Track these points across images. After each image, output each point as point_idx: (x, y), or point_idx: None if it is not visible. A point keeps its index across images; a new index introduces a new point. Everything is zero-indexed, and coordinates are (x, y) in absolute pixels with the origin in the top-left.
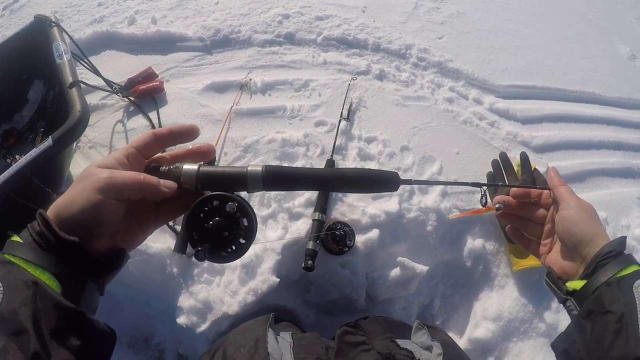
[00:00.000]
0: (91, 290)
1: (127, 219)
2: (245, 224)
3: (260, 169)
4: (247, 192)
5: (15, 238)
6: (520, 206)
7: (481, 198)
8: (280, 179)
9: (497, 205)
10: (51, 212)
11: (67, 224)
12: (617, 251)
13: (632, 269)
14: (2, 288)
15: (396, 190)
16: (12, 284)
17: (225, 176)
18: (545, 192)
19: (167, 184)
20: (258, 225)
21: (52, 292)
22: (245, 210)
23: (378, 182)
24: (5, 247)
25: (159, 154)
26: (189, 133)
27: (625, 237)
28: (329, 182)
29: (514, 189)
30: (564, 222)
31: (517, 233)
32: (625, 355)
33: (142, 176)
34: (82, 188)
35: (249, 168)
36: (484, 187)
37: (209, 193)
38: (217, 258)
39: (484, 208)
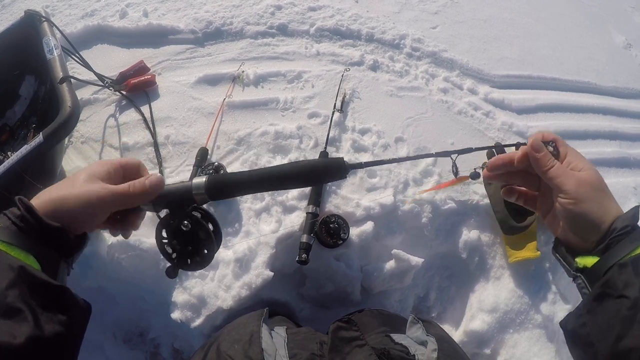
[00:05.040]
0: (62, 269)
1: None
2: (204, 236)
3: (203, 180)
4: (198, 205)
5: None
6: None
7: (452, 167)
8: (223, 188)
9: (473, 172)
10: (40, 200)
11: (57, 214)
12: (631, 226)
13: None
14: None
15: (345, 177)
16: None
17: (174, 194)
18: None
19: (154, 184)
20: (222, 231)
21: (37, 272)
22: (200, 224)
23: (320, 173)
24: None
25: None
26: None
27: (638, 206)
28: (268, 181)
29: (491, 161)
30: (565, 212)
31: (511, 191)
32: (636, 346)
33: (131, 189)
34: (86, 200)
35: (193, 182)
36: (454, 156)
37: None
38: (185, 267)
39: (457, 179)
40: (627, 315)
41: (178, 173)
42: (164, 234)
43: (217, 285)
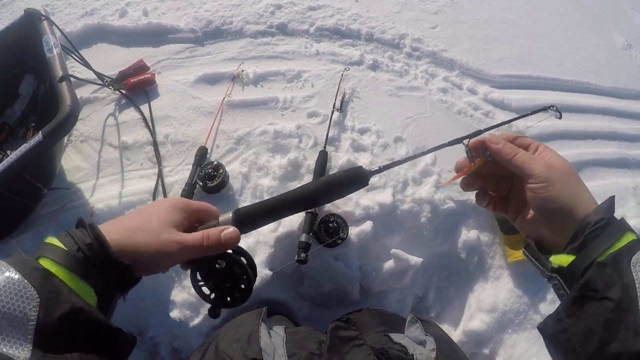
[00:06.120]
0: (116, 301)
1: None
2: (239, 270)
3: (230, 216)
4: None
5: (56, 242)
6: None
7: (467, 153)
8: (252, 218)
9: (487, 154)
10: (110, 235)
11: (125, 253)
12: (607, 218)
13: (626, 239)
14: (38, 299)
15: (367, 184)
16: (51, 296)
17: None
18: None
19: (230, 237)
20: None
21: (94, 311)
22: (235, 260)
23: (345, 184)
24: (42, 249)
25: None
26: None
27: (614, 197)
28: (293, 205)
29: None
30: (536, 199)
31: (484, 195)
32: (624, 351)
33: (205, 242)
34: (157, 254)
35: (220, 219)
36: (465, 142)
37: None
38: (227, 304)
39: (474, 163)
40: (611, 318)
41: (177, 172)
42: (199, 277)
43: None
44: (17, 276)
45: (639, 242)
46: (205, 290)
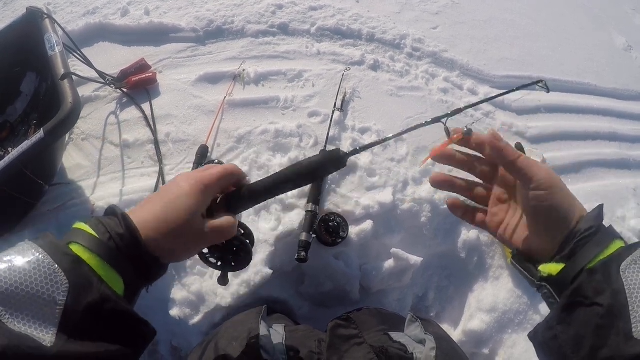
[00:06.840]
0: (140, 292)
1: None
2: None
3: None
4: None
5: (86, 228)
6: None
7: (446, 132)
8: (238, 201)
9: (465, 129)
10: (141, 225)
11: (155, 244)
12: (596, 226)
13: (615, 246)
14: (67, 284)
15: (345, 165)
16: (80, 283)
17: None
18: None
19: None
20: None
21: (122, 301)
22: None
23: (323, 166)
24: (72, 234)
25: None
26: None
27: (602, 205)
28: (279, 186)
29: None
30: (540, 207)
31: (456, 206)
32: (615, 356)
33: (229, 225)
34: (189, 247)
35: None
36: (444, 120)
37: None
38: (231, 269)
39: (450, 139)
40: (602, 324)
41: (178, 170)
42: (205, 250)
43: (215, 282)
44: (47, 260)
45: (628, 249)
46: (212, 260)
